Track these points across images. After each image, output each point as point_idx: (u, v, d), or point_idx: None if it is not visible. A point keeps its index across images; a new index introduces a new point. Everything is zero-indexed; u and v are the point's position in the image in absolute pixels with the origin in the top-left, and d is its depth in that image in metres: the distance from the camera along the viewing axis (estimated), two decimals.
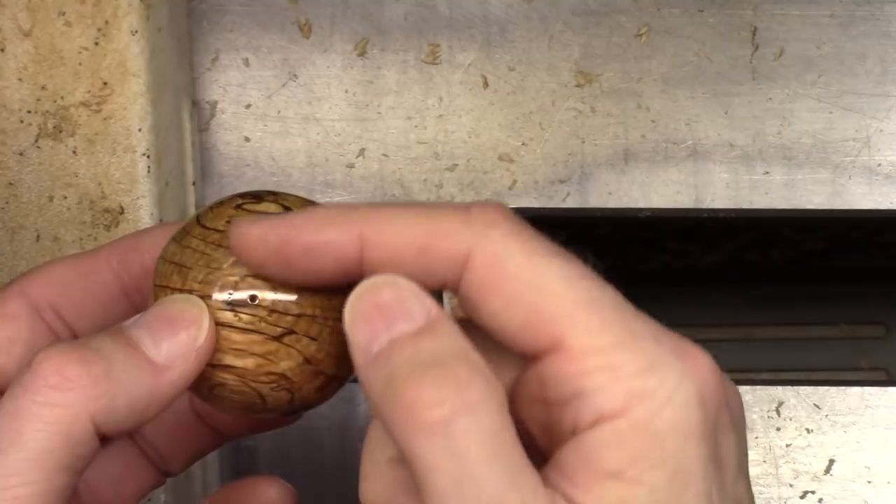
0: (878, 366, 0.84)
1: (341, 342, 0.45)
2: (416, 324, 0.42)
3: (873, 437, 0.64)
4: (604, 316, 0.43)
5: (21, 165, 0.58)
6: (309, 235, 0.44)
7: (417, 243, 0.43)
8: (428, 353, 0.41)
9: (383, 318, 0.42)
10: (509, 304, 0.43)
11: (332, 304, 0.45)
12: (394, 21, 0.64)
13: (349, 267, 0.44)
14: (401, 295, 0.43)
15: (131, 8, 0.57)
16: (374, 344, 0.42)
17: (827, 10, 0.63)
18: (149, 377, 0.44)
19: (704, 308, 0.85)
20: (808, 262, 0.86)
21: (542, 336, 0.43)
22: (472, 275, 0.43)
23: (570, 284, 0.43)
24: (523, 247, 0.43)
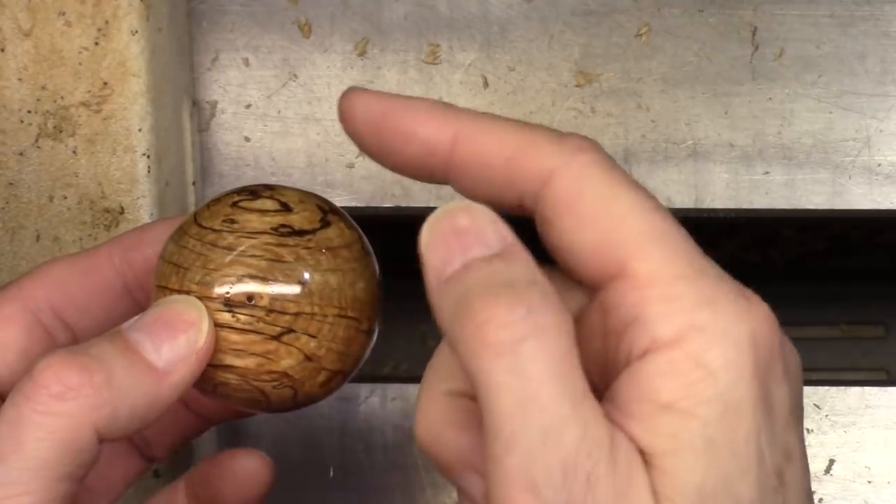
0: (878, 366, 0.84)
1: (342, 337, 0.45)
2: (492, 250, 0.42)
3: (873, 437, 0.64)
4: (671, 248, 0.43)
5: (21, 165, 0.58)
6: (409, 120, 0.44)
7: (508, 152, 0.44)
8: (502, 276, 0.41)
9: (459, 242, 0.42)
10: (581, 225, 0.43)
11: (329, 301, 0.45)
12: (394, 21, 0.64)
13: (436, 161, 0.44)
14: (478, 221, 0.43)
15: (131, 8, 0.57)
16: (448, 266, 0.42)
17: (827, 10, 0.63)
18: (150, 383, 0.44)
19: None
20: (808, 262, 0.86)
21: (608, 260, 0.43)
22: (552, 192, 0.43)
23: (643, 215, 0.43)
24: (606, 175, 0.44)
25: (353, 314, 0.46)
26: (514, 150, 0.44)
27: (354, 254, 0.46)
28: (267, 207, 0.46)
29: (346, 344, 0.45)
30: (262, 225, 0.46)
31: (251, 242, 0.45)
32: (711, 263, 0.45)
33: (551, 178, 0.44)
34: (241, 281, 0.45)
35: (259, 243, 0.45)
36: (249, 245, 0.45)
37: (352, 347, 0.46)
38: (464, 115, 0.45)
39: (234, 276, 0.45)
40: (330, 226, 0.46)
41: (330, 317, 0.45)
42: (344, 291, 0.45)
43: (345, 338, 0.45)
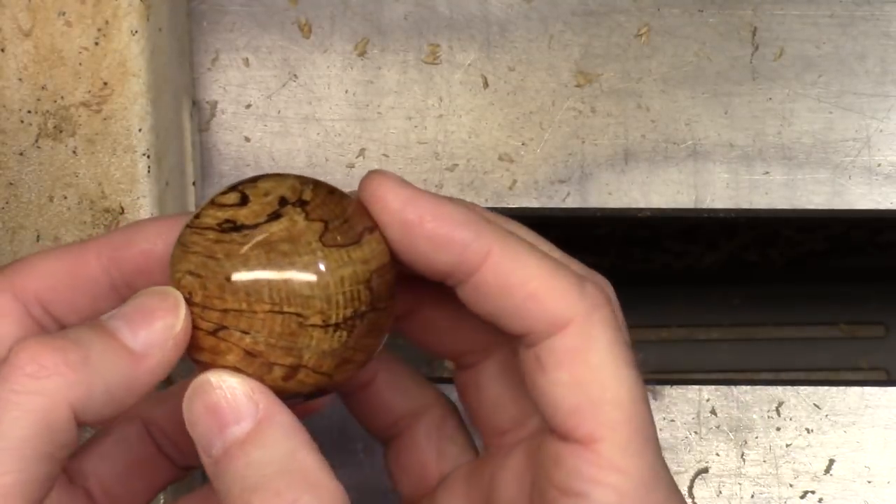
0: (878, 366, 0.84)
1: (279, 333, 0.45)
2: (245, 427, 0.44)
3: (873, 437, 0.64)
4: (641, 443, 0.46)
5: (21, 165, 0.58)
6: (444, 228, 0.46)
7: (532, 287, 0.46)
8: (256, 466, 0.44)
9: (216, 421, 0.45)
10: (574, 383, 0.46)
11: (258, 296, 0.45)
12: (394, 21, 0.64)
13: (460, 274, 0.46)
14: (229, 395, 0.45)
15: (131, 8, 0.57)
16: (212, 448, 0.45)
17: (827, 10, 0.63)
18: (126, 364, 0.45)
19: (704, 308, 0.85)
20: (808, 262, 0.86)
21: (584, 426, 0.46)
22: (561, 341, 0.46)
23: (632, 399, 0.46)
24: (613, 340, 0.46)
25: (291, 309, 0.45)
26: (538, 286, 0.46)
27: (302, 247, 0.45)
28: (226, 202, 0.46)
29: (290, 339, 0.45)
30: (212, 220, 0.46)
31: (196, 238, 0.46)
32: (663, 462, 0.48)
33: (565, 328, 0.46)
34: (185, 277, 0.46)
35: (202, 240, 0.46)
36: (195, 241, 0.46)
37: (300, 341, 0.45)
38: (497, 232, 0.46)
39: (181, 272, 0.46)
40: (279, 219, 0.46)
41: (260, 312, 0.45)
42: (276, 286, 0.45)
43: (284, 333, 0.45)
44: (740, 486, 0.64)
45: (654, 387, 0.65)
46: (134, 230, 0.49)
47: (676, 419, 0.64)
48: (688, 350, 0.85)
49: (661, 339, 0.85)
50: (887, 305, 0.84)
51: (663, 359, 0.84)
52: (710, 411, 0.64)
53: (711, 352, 0.85)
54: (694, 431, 0.64)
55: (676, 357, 0.84)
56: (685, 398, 0.65)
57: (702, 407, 0.64)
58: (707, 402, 0.65)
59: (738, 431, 0.64)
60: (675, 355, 0.84)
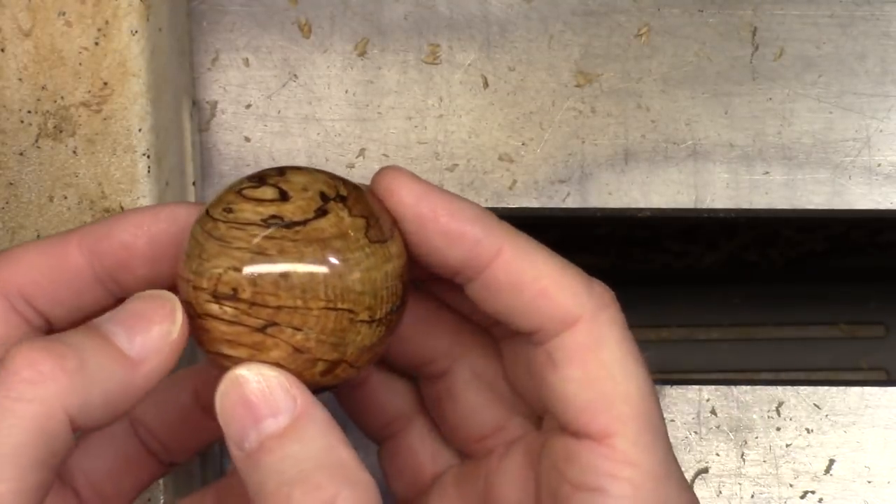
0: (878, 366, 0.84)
1: (332, 329, 0.45)
2: (283, 421, 0.44)
3: (873, 437, 0.64)
4: (652, 438, 0.47)
5: (21, 165, 0.58)
6: (458, 223, 0.47)
7: (542, 284, 0.47)
8: (294, 460, 0.43)
9: (251, 414, 0.44)
10: (587, 379, 0.47)
11: (314, 293, 0.45)
12: (394, 21, 0.64)
13: (471, 269, 0.47)
14: (266, 389, 0.45)
15: (131, 8, 0.57)
16: (245, 442, 0.44)
17: (827, 10, 0.63)
18: (123, 371, 0.45)
19: (704, 308, 0.85)
20: (808, 262, 0.86)
21: (597, 421, 0.46)
22: (571, 338, 0.47)
23: (642, 395, 0.47)
24: (622, 337, 0.47)
25: (344, 306, 0.45)
26: (549, 283, 0.47)
27: (352, 243, 0.46)
28: (264, 196, 0.46)
29: (340, 335, 0.45)
30: (254, 216, 0.46)
31: (239, 234, 0.46)
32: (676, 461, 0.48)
33: (575, 324, 0.46)
34: (227, 273, 0.45)
35: (246, 235, 0.45)
36: (237, 237, 0.46)
37: (348, 337, 0.46)
38: (508, 230, 0.47)
39: (221, 267, 0.45)
40: (326, 215, 0.46)
41: (315, 309, 0.45)
42: (331, 283, 0.45)
43: (336, 329, 0.45)
44: (740, 486, 0.64)
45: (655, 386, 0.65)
46: (114, 222, 0.49)
47: (676, 419, 0.64)
48: (688, 350, 0.85)
49: (661, 339, 0.85)
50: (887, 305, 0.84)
51: (663, 359, 0.84)
52: (710, 411, 0.64)
53: (711, 352, 0.85)
54: (694, 431, 0.64)
55: (676, 357, 0.84)
56: (685, 398, 0.65)
57: (702, 407, 0.64)
58: (707, 402, 0.65)
59: (738, 431, 0.64)
60: (675, 355, 0.84)
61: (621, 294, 0.50)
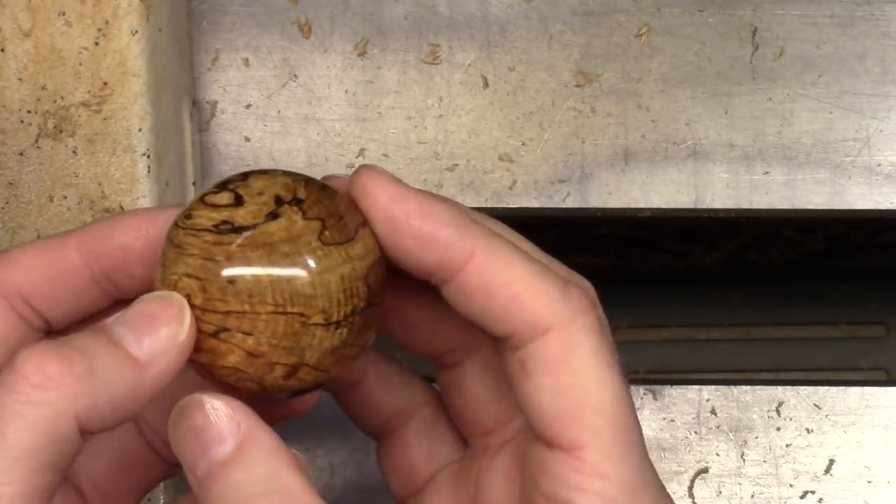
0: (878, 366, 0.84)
1: (283, 332, 0.45)
2: (228, 447, 0.45)
3: (873, 437, 0.64)
4: (625, 448, 0.46)
5: (21, 165, 0.58)
6: (431, 226, 0.46)
7: (515, 289, 0.46)
8: (238, 487, 0.44)
9: (199, 442, 0.45)
10: (557, 390, 0.46)
11: (261, 298, 0.45)
12: (394, 21, 0.64)
13: (445, 272, 0.46)
14: (210, 418, 0.45)
15: (131, 8, 0.57)
16: (197, 469, 0.45)
17: (827, 10, 0.63)
18: (132, 374, 0.45)
19: (704, 308, 0.85)
20: (808, 262, 0.86)
21: (568, 432, 0.46)
22: (543, 346, 0.46)
23: (616, 405, 0.46)
24: (596, 347, 0.46)
25: (294, 309, 0.45)
26: (521, 289, 0.46)
27: (302, 247, 0.46)
28: (220, 202, 0.46)
29: (293, 339, 0.45)
30: (207, 221, 0.46)
31: (193, 240, 0.46)
32: (651, 466, 0.47)
33: (548, 332, 0.46)
34: (181, 280, 0.46)
35: (199, 241, 0.46)
36: (191, 243, 0.46)
37: (303, 341, 0.45)
38: (483, 232, 0.46)
39: (177, 274, 0.46)
40: (277, 219, 0.46)
41: (263, 314, 0.45)
42: (279, 287, 0.45)
43: (287, 333, 0.45)
44: (740, 486, 0.64)
45: (654, 387, 0.65)
46: (112, 223, 0.49)
47: (676, 419, 0.64)
48: (688, 350, 0.85)
49: (661, 339, 0.85)
50: (887, 305, 0.84)
51: (663, 359, 0.84)
52: (710, 411, 0.64)
53: (711, 352, 0.85)
54: (694, 431, 0.64)
55: (676, 357, 0.84)
56: (685, 398, 0.65)
57: (702, 407, 0.64)
58: (707, 402, 0.65)
59: (738, 431, 0.64)
60: (675, 355, 0.84)
61: (621, 294, 0.50)
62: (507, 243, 0.47)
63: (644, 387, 0.64)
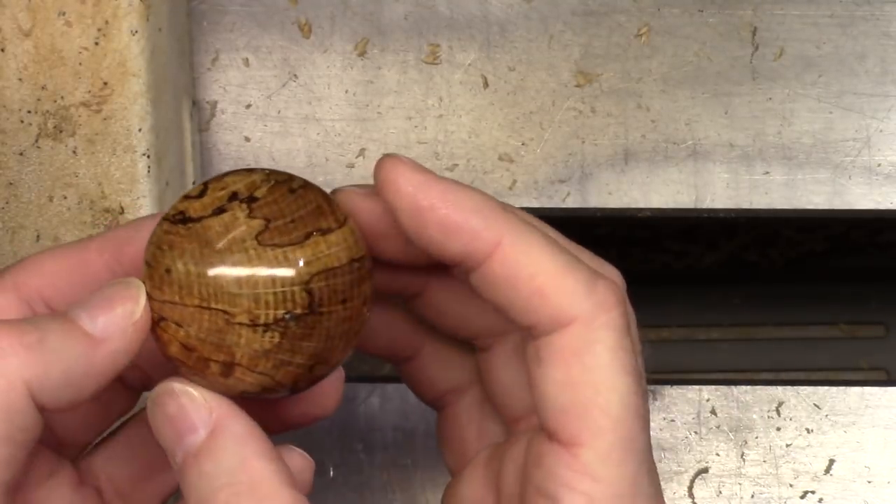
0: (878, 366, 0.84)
1: (209, 328, 0.45)
2: (200, 436, 0.45)
3: (873, 437, 0.64)
4: (624, 453, 0.45)
5: (21, 165, 0.58)
6: (457, 216, 0.46)
7: (540, 280, 0.45)
8: (208, 478, 0.44)
9: (174, 430, 0.45)
10: (568, 384, 0.45)
11: (189, 290, 0.45)
12: (394, 21, 0.64)
13: (471, 262, 0.46)
14: (183, 405, 0.45)
15: (131, 8, 0.57)
16: (174, 456, 0.45)
17: (827, 10, 0.63)
18: (83, 347, 0.45)
19: (704, 308, 0.85)
20: (808, 262, 0.86)
21: (570, 427, 0.45)
22: (563, 340, 0.45)
23: (623, 408, 0.45)
24: (616, 345, 0.45)
25: (219, 306, 0.45)
26: (546, 281, 0.45)
27: (236, 244, 0.45)
28: (192, 193, 0.47)
29: (218, 335, 0.45)
30: (171, 211, 0.47)
31: (156, 229, 0.47)
32: (654, 475, 0.47)
33: (569, 325, 0.45)
34: (144, 267, 0.46)
35: (158, 230, 0.46)
36: (155, 231, 0.47)
37: (228, 339, 0.45)
38: (510, 222, 0.46)
39: (143, 262, 0.47)
40: (221, 214, 0.46)
41: (191, 307, 0.45)
42: (205, 282, 0.45)
43: (212, 329, 0.45)
44: (740, 486, 0.64)
45: (654, 387, 0.65)
46: (135, 228, 0.49)
47: (676, 419, 0.64)
48: (688, 350, 0.85)
49: (661, 339, 0.85)
50: (887, 305, 0.84)
51: (663, 359, 0.84)
52: (710, 411, 0.64)
53: (711, 352, 0.85)
54: (694, 431, 0.64)
55: (676, 357, 0.84)
56: (685, 398, 0.65)
57: (702, 407, 0.64)
58: (707, 402, 0.65)
59: (738, 431, 0.64)
60: (675, 355, 0.84)
61: None
62: (536, 232, 0.46)
63: None
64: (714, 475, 0.64)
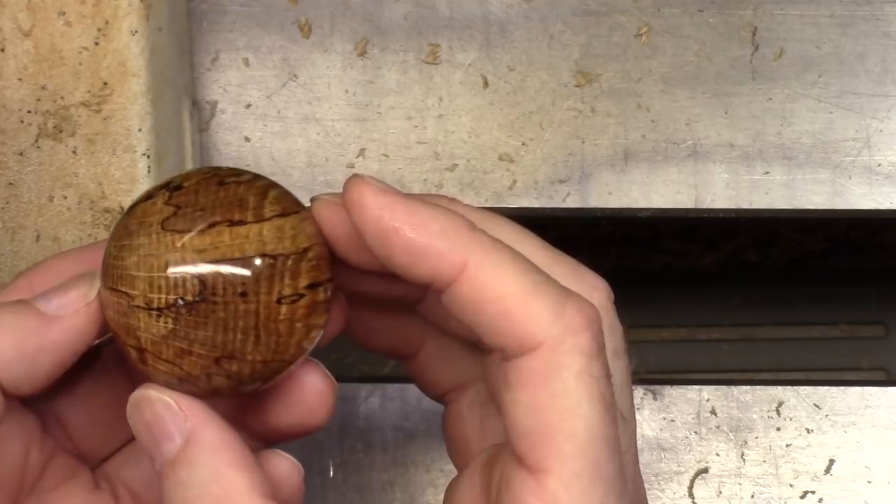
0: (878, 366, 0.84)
1: (117, 310, 0.46)
2: (175, 445, 0.45)
3: (873, 437, 0.64)
4: (591, 481, 0.44)
5: (21, 165, 0.58)
6: (422, 238, 0.45)
7: (506, 304, 0.45)
8: (182, 487, 0.45)
9: (151, 437, 0.46)
10: (534, 408, 0.45)
11: (105, 273, 0.47)
12: (394, 21, 0.64)
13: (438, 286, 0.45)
14: (158, 412, 0.46)
15: (131, 8, 0.57)
16: (155, 462, 0.46)
17: (827, 10, 0.63)
18: (37, 324, 0.46)
19: (704, 308, 0.85)
20: (808, 262, 0.86)
21: (535, 453, 0.45)
22: (529, 363, 0.45)
23: (590, 435, 0.45)
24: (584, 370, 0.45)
25: (123, 288, 0.46)
26: (512, 304, 0.45)
27: (144, 228, 0.46)
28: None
29: (125, 318, 0.46)
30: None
31: None
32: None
33: (535, 349, 0.45)
34: None
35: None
36: None
37: (131, 322, 0.46)
38: (478, 241, 0.45)
39: None
40: (148, 199, 0.47)
41: (107, 289, 0.47)
42: (116, 265, 0.46)
43: (120, 312, 0.46)
44: (740, 486, 0.64)
45: (654, 387, 0.65)
46: None
47: (676, 419, 0.64)
48: (688, 350, 0.85)
49: (661, 339, 0.85)
50: (887, 305, 0.84)
51: (663, 359, 0.84)
52: (710, 411, 0.64)
53: (711, 352, 0.85)
54: (694, 431, 0.64)
55: (676, 357, 0.84)
56: (685, 398, 0.65)
57: (702, 407, 0.65)
58: (707, 402, 0.65)
59: (738, 431, 0.64)
60: (675, 355, 0.84)
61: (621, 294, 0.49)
62: (504, 253, 0.45)
63: (644, 387, 0.64)
64: (714, 475, 0.64)
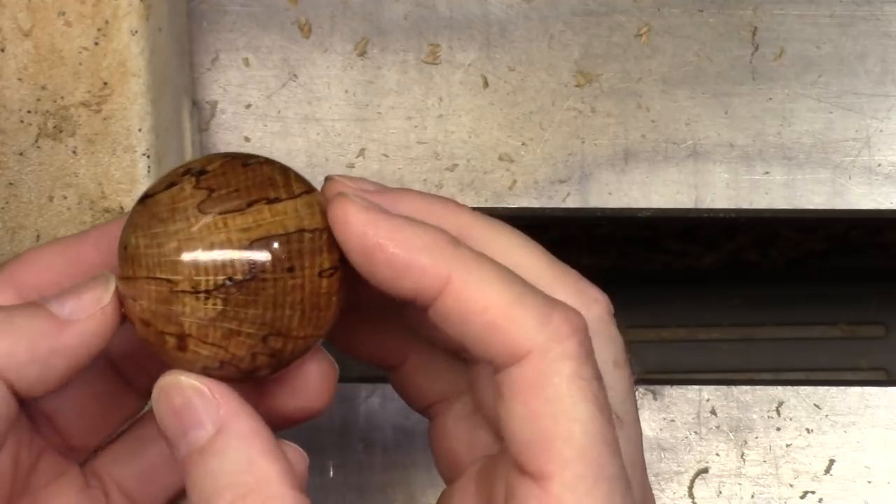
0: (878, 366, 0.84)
1: (157, 298, 0.46)
2: (207, 432, 0.45)
3: (873, 437, 0.64)
4: (593, 483, 0.45)
5: (21, 165, 0.58)
6: (405, 254, 0.45)
7: (491, 315, 0.45)
8: (213, 476, 0.44)
9: (180, 423, 0.45)
10: (529, 417, 0.45)
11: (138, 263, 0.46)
12: (394, 21, 0.64)
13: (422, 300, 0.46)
14: (189, 399, 0.45)
15: (131, 8, 0.57)
16: (178, 450, 0.45)
17: (827, 10, 0.64)
18: (51, 328, 0.45)
19: (704, 308, 0.85)
20: (808, 262, 0.86)
21: (536, 461, 0.45)
22: (518, 374, 0.45)
23: (587, 437, 0.45)
24: (574, 375, 0.45)
25: (163, 275, 0.45)
26: (497, 315, 0.45)
27: (179, 213, 0.46)
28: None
29: (166, 306, 0.46)
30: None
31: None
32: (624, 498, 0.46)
33: (524, 358, 0.45)
34: None
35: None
36: None
37: (175, 308, 0.46)
38: (460, 255, 0.46)
39: None
40: (171, 188, 0.46)
41: (141, 279, 0.46)
42: (150, 252, 0.46)
43: (160, 300, 0.46)
44: (740, 486, 0.64)
45: (654, 387, 0.65)
46: None
47: (676, 419, 0.64)
48: (688, 350, 0.85)
49: (661, 339, 0.85)
50: (887, 305, 0.84)
51: (663, 359, 0.84)
52: (710, 411, 0.64)
53: (711, 352, 0.85)
54: (694, 431, 0.64)
55: (676, 357, 0.84)
56: (685, 398, 0.65)
57: (702, 407, 0.65)
58: (707, 402, 0.65)
59: (738, 431, 0.64)
60: (675, 355, 0.84)
61: (621, 294, 0.49)
62: (487, 266, 0.46)
63: (644, 387, 0.64)
64: (714, 475, 0.64)
